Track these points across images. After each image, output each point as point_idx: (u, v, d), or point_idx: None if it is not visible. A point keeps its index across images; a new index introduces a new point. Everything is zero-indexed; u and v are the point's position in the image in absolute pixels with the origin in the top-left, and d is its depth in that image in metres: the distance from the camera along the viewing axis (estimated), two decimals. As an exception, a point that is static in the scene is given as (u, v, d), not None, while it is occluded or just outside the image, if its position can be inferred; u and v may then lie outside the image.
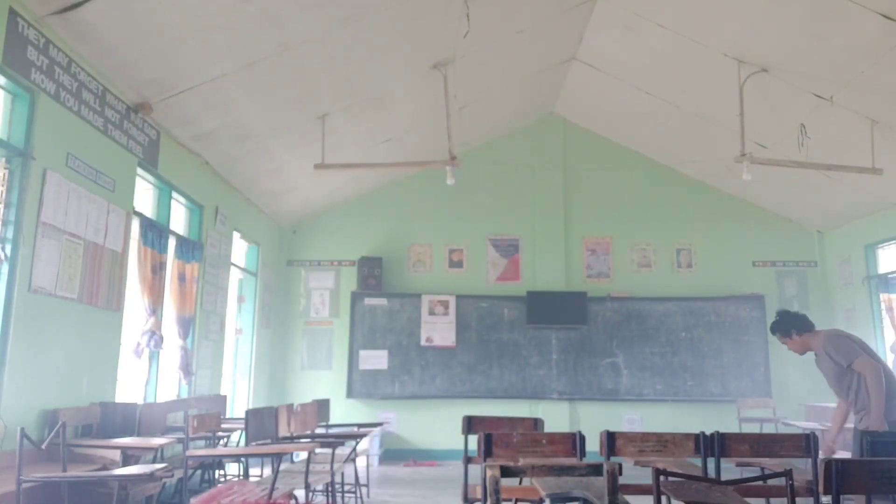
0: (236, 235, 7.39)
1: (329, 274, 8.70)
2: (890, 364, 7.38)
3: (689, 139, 7.90)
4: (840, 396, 4.26)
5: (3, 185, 3.75)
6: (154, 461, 4.09)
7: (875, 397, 3.89)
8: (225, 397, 6.75)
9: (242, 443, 4.80)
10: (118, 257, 4.81)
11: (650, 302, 8.42)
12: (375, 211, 8.80)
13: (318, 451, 4.10)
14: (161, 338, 5.35)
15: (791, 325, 4.30)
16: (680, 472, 2.91)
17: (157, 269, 5.37)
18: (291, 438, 4.64)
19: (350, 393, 8.24)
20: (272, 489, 3.50)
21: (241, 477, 5.38)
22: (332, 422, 6.03)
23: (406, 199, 8.83)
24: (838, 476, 2.13)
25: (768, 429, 7.21)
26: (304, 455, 4.48)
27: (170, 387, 5.89)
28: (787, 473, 2.59)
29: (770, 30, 5.39)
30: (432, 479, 6.87)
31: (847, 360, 4.05)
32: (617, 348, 8.35)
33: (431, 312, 8.39)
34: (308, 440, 4.54)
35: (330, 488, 4.42)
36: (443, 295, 8.45)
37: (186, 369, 5.84)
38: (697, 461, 3.29)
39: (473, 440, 3.33)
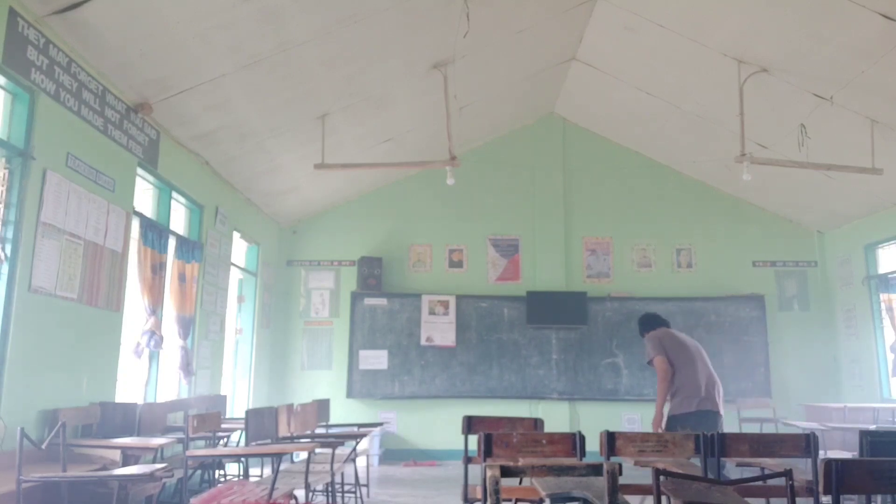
0: (236, 235, 7.39)
1: (329, 274, 8.70)
2: (890, 365, 7.38)
3: (689, 139, 7.90)
4: None
5: (3, 185, 3.74)
6: (154, 461, 4.09)
7: (658, 394, 4.67)
8: (225, 397, 6.75)
9: (242, 443, 4.80)
10: (118, 257, 4.81)
11: (650, 302, 8.41)
12: (375, 211, 8.80)
13: (318, 451, 4.10)
14: (161, 338, 5.35)
15: (641, 326, 5.04)
16: (680, 472, 2.91)
17: (157, 269, 5.37)
18: (291, 438, 4.64)
19: (350, 393, 8.24)
20: (272, 489, 3.50)
21: (241, 477, 5.38)
22: (332, 422, 6.04)
23: (406, 199, 8.83)
24: (838, 476, 2.13)
25: (768, 429, 7.21)
26: (304, 455, 4.48)
27: (170, 387, 5.89)
28: (787, 473, 2.59)
29: (770, 30, 5.39)
30: (432, 479, 6.87)
31: (647, 357, 4.82)
32: (617, 348, 8.35)
33: (431, 312, 8.39)
34: (308, 440, 4.54)
35: (330, 488, 4.42)
36: (443, 295, 8.44)
37: (186, 369, 5.84)
38: (697, 461, 3.29)
39: (473, 440, 3.33)
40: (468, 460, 3.60)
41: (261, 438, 4.18)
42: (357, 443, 4.97)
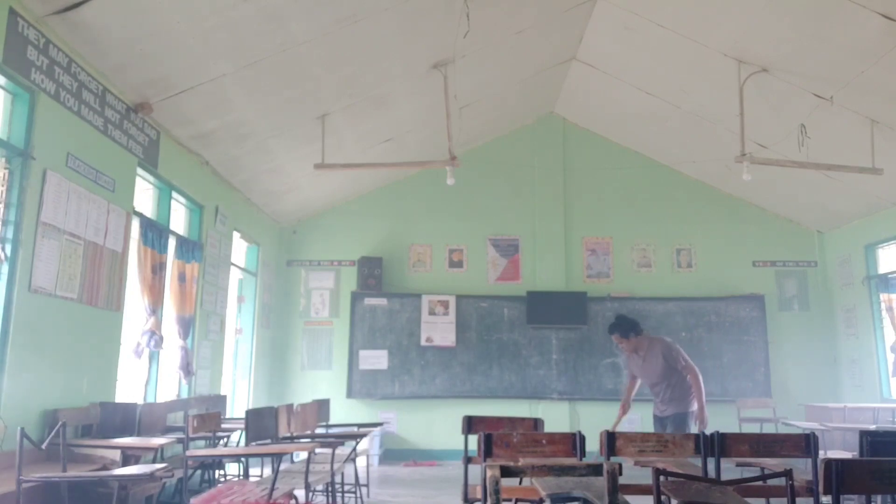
0: (236, 235, 7.39)
1: (329, 274, 8.70)
2: (890, 365, 7.39)
3: (689, 139, 7.90)
4: (655, 388, 5.33)
5: (3, 185, 3.74)
6: (154, 461, 4.09)
7: (700, 393, 5.04)
8: (225, 397, 6.75)
9: (242, 443, 4.80)
10: (118, 257, 4.81)
11: (650, 302, 8.42)
12: (375, 211, 8.80)
13: (318, 451, 4.10)
14: (161, 338, 5.35)
15: (631, 329, 5.27)
16: (680, 472, 2.91)
17: (157, 269, 5.37)
18: (291, 438, 4.64)
19: (350, 393, 8.24)
20: (272, 489, 3.50)
21: (241, 477, 5.38)
22: (332, 422, 6.03)
23: (406, 199, 8.83)
24: (838, 476, 2.13)
25: (768, 429, 7.21)
26: (304, 455, 4.48)
27: (170, 387, 5.90)
28: (787, 473, 2.59)
29: (770, 30, 5.39)
30: (432, 479, 6.87)
31: (680, 362, 5.16)
32: (617, 348, 8.31)
33: (431, 312, 8.39)
34: (308, 440, 4.54)
35: (330, 488, 4.42)
36: (443, 295, 8.44)
37: (186, 369, 5.84)
38: (697, 461, 3.29)
39: (473, 440, 3.33)
40: (468, 460, 3.60)
41: (261, 438, 4.18)
42: (357, 443, 4.97)
